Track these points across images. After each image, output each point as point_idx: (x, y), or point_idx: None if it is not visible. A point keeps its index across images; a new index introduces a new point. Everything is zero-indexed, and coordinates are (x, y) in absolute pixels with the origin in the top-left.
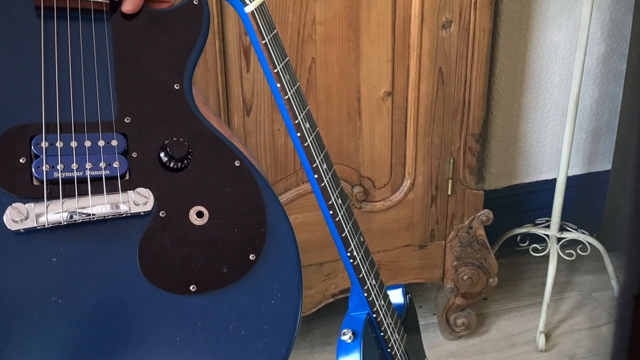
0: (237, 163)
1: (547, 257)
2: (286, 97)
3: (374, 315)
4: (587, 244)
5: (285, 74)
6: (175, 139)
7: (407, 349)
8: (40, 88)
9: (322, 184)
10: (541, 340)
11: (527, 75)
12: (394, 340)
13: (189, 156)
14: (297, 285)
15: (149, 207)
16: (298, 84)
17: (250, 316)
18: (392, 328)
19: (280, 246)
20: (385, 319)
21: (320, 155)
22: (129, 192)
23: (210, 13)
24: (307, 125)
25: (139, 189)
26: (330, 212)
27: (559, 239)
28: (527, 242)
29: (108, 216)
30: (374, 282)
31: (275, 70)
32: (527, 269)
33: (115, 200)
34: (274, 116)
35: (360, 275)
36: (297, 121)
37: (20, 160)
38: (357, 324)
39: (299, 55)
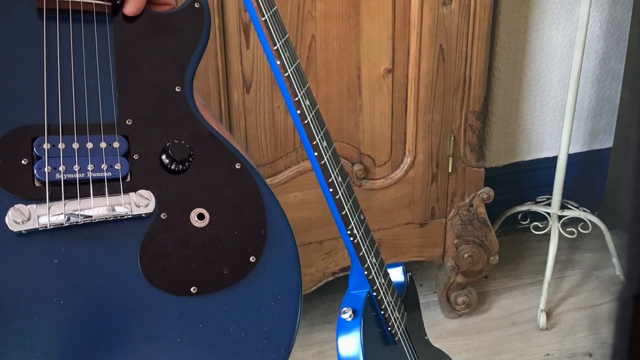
0: (237, 165)
1: (548, 235)
2: (286, 74)
3: (374, 294)
4: (588, 221)
5: (285, 51)
6: (176, 141)
7: (408, 328)
8: (43, 90)
9: (322, 162)
10: (542, 319)
11: (527, 52)
12: (395, 319)
13: (190, 158)
14: (297, 286)
15: (150, 209)
16: (298, 61)
17: (251, 318)
18: (393, 306)
19: (280, 248)
20: (386, 297)
21: (320, 133)
22: (130, 194)
23: (211, 15)
24: (307, 102)
25: (141, 191)
26: (331, 189)
27: (560, 217)
28: (528, 220)
29: (110, 218)
30: (374, 260)
31: (275, 48)
32: (528, 247)
33: (117, 201)
34: (273, 93)
35: (361, 254)
36: (297, 98)
37: (22, 162)
38: (358, 302)
39: (299, 32)
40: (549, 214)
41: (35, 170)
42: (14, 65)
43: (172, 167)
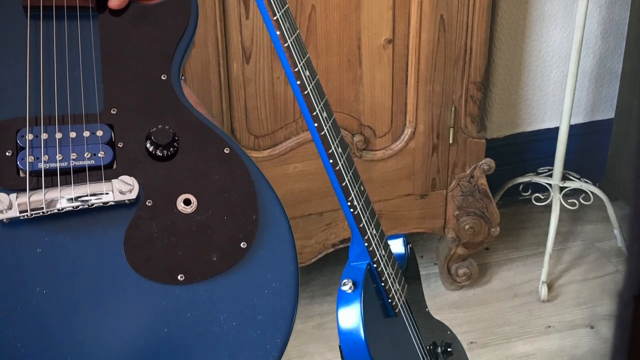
0: (226, 150)
1: (549, 206)
2: (286, 44)
3: (375, 265)
4: (590, 193)
5: (285, 22)
6: (160, 126)
7: (408, 299)
8: (25, 84)
9: (322, 133)
10: (543, 291)
11: (529, 23)
12: (395, 291)
13: (175, 144)
14: (293, 273)
15: (134, 194)
16: (298, 32)
17: (243, 306)
18: (393, 278)
19: (274, 233)
20: (386, 269)
21: (320, 104)
22: (113, 180)
23: (198, 6)
24: (307, 73)
25: (123, 177)
26: (331, 161)
27: (561, 188)
28: (530, 191)
29: (92, 205)
30: (374, 231)
31: (275, 18)
32: (529, 218)
33: (98, 189)
34: (273, 64)
35: (361, 225)
36: (296, 69)
37: (7, 153)
38: (358, 274)
39: (299, 2)
40: (550, 185)
41: (18, 161)
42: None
43: (157, 153)
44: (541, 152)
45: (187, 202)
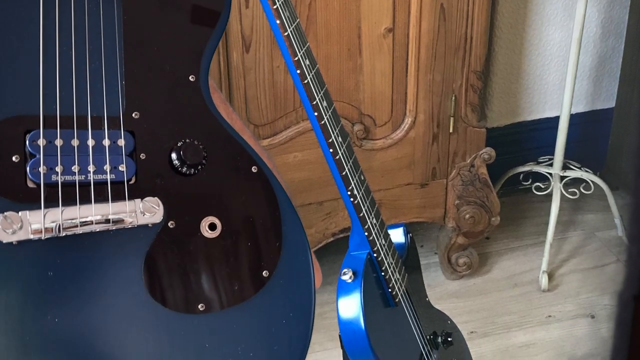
0: (254, 169)
1: (550, 195)
2: (286, 33)
3: (375, 255)
4: (590, 182)
5: (285, 10)
6: (189, 140)
7: (408, 289)
8: (38, 73)
9: (322, 122)
10: (544, 280)
11: (529, 12)
12: (395, 280)
13: (204, 161)
14: (309, 303)
15: (157, 218)
16: (298, 21)
17: (260, 337)
18: (393, 267)
19: (295, 262)
20: (386, 259)
21: (320, 93)
22: (136, 200)
23: None
24: (307, 62)
25: (148, 199)
26: (331, 150)
27: (562, 178)
28: (530, 180)
29: (114, 227)
30: (374, 221)
31: (275, 7)
32: (529, 207)
33: (121, 209)
34: (273, 53)
35: (361, 214)
36: (296, 58)
37: (13, 159)
38: (358, 263)
39: None
40: (550, 174)
41: (28, 170)
42: (5, 43)
43: (183, 170)
44: (542, 141)
45: (212, 227)
